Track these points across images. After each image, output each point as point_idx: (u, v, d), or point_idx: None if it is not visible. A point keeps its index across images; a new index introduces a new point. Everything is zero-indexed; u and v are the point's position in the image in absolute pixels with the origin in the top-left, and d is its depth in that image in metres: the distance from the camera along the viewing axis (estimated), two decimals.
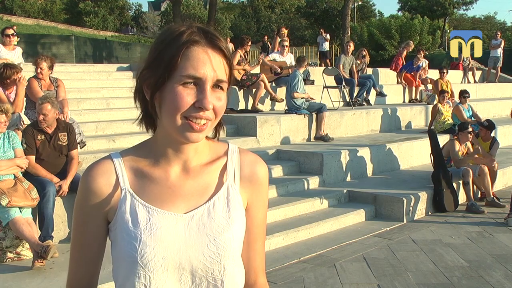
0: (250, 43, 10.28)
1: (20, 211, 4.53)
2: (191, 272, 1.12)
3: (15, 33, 8.17)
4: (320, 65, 16.86)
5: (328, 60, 19.76)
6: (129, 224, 1.11)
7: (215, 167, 1.20)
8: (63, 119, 5.48)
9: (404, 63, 14.00)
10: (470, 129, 7.22)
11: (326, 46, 20.25)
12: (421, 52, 14.52)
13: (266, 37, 20.68)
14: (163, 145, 1.16)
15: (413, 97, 13.21)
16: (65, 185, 4.94)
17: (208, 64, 1.07)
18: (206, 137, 1.18)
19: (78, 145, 5.71)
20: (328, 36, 20.43)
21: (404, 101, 13.39)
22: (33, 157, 4.95)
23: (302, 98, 8.70)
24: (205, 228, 1.13)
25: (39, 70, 6.07)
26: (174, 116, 1.06)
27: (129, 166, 1.17)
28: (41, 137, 5.01)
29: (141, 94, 1.14)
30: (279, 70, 10.35)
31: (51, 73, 6.32)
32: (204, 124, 1.08)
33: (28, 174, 4.85)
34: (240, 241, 1.18)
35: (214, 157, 1.21)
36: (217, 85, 1.09)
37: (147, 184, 1.15)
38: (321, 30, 21.78)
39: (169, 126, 1.09)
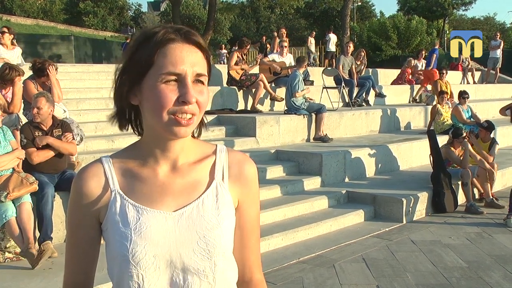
0: (249, 46, 10.28)
1: (18, 202, 4.54)
2: (182, 270, 1.13)
3: (7, 31, 8.11)
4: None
5: (327, 60, 19.84)
6: (120, 225, 1.13)
7: (203, 165, 1.22)
8: (57, 100, 5.50)
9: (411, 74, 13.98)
10: (464, 134, 7.23)
11: (330, 46, 20.34)
12: (422, 52, 14.54)
13: (264, 37, 20.72)
14: (150, 145, 1.18)
15: (415, 96, 13.20)
16: (47, 139, 4.96)
17: (187, 59, 1.09)
18: (193, 136, 1.21)
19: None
20: (328, 37, 20.46)
21: (410, 101, 13.36)
22: (34, 149, 4.95)
23: (303, 95, 8.71)
24: (195, 225, 1.14)
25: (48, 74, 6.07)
26: (160, 114, 1.08)
27: (118, 168, 1.19)
28: (38, 133, 5.02)
29: (120, 96, 1.16)
30: (279, 69, 10.35)
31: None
32: (190, 118, 1.10)
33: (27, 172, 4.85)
34: (231, 238, 1.20)
35: (202, 156, 1.23)
36: (197, 79, 1.11)
37: (136, 184, 1.17)
38: (327, 30, 21.98)
39: (156, 124, 1.11)
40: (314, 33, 22.93)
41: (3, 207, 4.47)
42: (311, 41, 21.15)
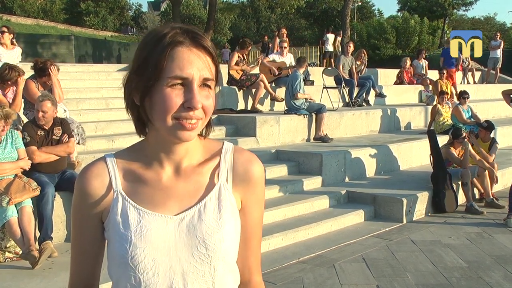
0: (250, 47, 10.28)
1: (19, 205, 4.54)
2: (181, 274, 1.12)
3: (7, 31, 8.10)
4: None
5: (325, 60, 19.83)
6: (120, 226, 1.13)
7: (207, 167, 1.20)
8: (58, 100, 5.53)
9: (412, 73, 13.95)
10: (464, 135, 7.23)
11: (327, 46, 20.29)
12: (423, 52, 14.52)
13: (266, 37, 20.65)
14: (155, 147, 1.16)
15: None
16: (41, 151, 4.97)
17: (194, 63, 1.08)
18: (199, 136, 1.19)
19: (78, 144, 5.73)
20: (326, 37, 20.42)
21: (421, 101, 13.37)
22: (36, 148, 4.95)
23: (303, 98, 8.71)
24: (195, 230, 1.13)
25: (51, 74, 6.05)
26: (164, 118, 1.07)
27: (122, 168, 1.18)
28: (40, 132, 5.02)
29: (131, 100, 1.14)
30: (276, 72, 10.35)
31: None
32: (195, 123, 1.09)
33: (27, 174, 4.84)
34: (233, 242, 1.18)
35: (207, 157, 1.21)
36: (204, 84, 1.09)
37: (139, 186, 1.17)
38: (326, 30, 21.85)
39: (160, 128, 1.10)
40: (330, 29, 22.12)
41: (3, 208, 4.46)
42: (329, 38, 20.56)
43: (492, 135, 7.98)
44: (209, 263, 1.13)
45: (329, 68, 12.48)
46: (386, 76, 15.30)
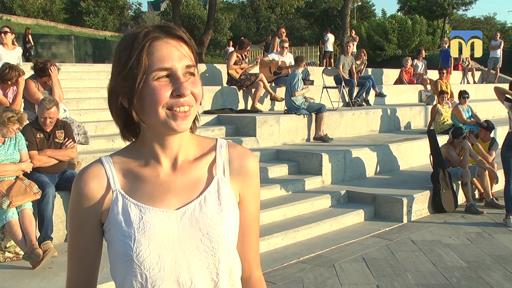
0: (249, 48, 10.32)
1: (19, 207, 4.53)
2: (187, 269, 1.13)
3: (9, 31, 8.10)
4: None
5: (325, 60, 19.85)
6: (123, 224, 1.13)
7: (204, 162, 1.22)
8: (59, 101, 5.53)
9: (412, 73, 13.98)
10: (464, 134, 7.23)
11: (328, 46, 20.29)
12: (423, 52, 14.55)
13: (270, 37, 20.64)
14: (149, 144, 1.18)
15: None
16: (45, 153, 4.96)
17: (173, 53, 1.10)
18: (191, 132, 1.21)
19: (81, 144, 5.74)
20: (326, 37, 20.41)
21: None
22: (36, 152, 4.95)
23: (303, 94, 8.70)
24: (198, 223, 1.15)
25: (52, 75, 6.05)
26: (156, 110, 1.09)
27: (119, 168, 1.19)
28: (40, 135, 5.02)
29: (120, 105, 1.15)
30: (279, 63, 10.36)
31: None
32: (187, 110, 1.10)
33: (27, 174, 4.84)
34: (235, 234, 1.20)
35: (202, 152, 1.23)
36: (188, 72, 1.12)
37: (138, 183, 1.17)
38: (326, 30, 21.86)
39: (154, 122, 1.11)
40: (329, 28, 22.20)
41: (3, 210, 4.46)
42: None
43: (492, 135, 7.98)
44: (214, 255, 1.15)
45: (329, 68, 12.48)
46: (386, 76, 15.32)
